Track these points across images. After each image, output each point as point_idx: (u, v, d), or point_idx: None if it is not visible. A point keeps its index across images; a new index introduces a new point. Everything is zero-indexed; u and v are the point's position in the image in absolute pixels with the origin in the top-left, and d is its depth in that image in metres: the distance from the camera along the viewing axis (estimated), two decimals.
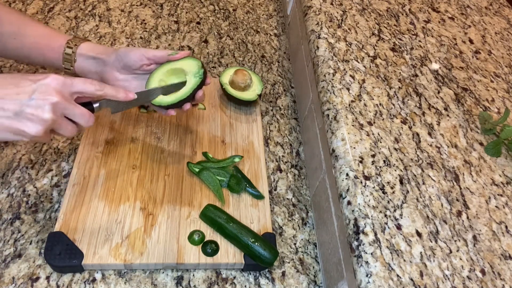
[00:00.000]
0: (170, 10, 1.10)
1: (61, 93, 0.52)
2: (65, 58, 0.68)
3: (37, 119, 0.51)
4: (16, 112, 0.50)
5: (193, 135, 0.80)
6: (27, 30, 0.67)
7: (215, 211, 0.68)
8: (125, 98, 0.60)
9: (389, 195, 0.57)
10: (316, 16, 0.83)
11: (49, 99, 0.51)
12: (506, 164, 0.65)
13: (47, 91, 0.51)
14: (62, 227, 0.64)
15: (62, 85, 0.52)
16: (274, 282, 0.66)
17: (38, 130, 0.51)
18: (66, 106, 0.53)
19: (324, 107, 0.69)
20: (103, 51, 0.68)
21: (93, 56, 0.68)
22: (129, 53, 0.66)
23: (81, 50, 0.68)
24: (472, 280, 0.51)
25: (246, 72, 0.85)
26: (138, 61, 0.66)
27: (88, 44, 0.69)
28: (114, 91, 0.58)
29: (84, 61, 0.68)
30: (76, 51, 0.67)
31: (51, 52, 0.68)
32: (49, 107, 0.51)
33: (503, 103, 0.74)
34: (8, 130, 0.51)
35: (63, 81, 0.53)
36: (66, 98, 0.53)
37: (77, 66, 0.68)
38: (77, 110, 0.54)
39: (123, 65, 0.67)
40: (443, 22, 0.89)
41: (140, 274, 0.64)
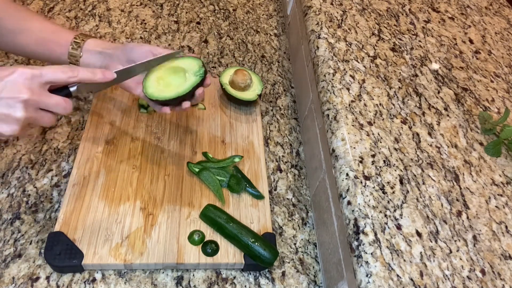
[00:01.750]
0: (170, 10, 1.10)
1: (30, 88, 0.50)
2: (71, 54, 0.68)
3: (10, 119, 0.49)
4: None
5: (193, 135, 0.80)
6: (33, 26, 0.67)
7: (215, 211, 0.68)
8: (103, 79, 0.57)
9: (389, 195, 0.57)
10: (316, 16, 0.83)
11: (19, 96, 0.49)
12: (506, 164, 0.65)
13: (16, 88, 0.49)
14: (62, 227, 0.64)
15: (31, 78, 0.50)
16: (274, 282, 0.66)
17: (14, 130, 0.50)
18: (38, 100, 0.51)
19: (324, 107, 0.69)
20: (109, 46, 0.68)
21: (99, 51, 0.68)
22: (136, 48, 0.67)
23: (87, 46, 0.68)
24: (472, 280, 0.51)
25: (246, 72, 0.85)
26: (144, 57, 0.66)
27: (94, 40, 0.69)
28: (90, 74, 0.56)
29: (90, 56, 0.68)
30: (83, 47, 0.68)
31: (58, 48, 0.68)
32: (20, 105, 0.49)
33: (503, 103, 0.74)
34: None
35: (31, 74, 0.50)
36: (36, 92, 0.50)
37: (82, 62, 0.69)
38: (51, 101, 0.52)
39: (128, 59, 0.67)
40: (443, 22, 0.89)
41: (140, 274, 0.64)
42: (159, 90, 0.66)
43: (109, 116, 0.80)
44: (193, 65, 0.68)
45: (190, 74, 0.67)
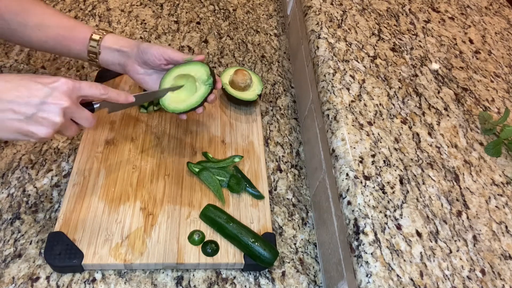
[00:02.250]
0: (170, 10, 1.10)
1: (70, 97, 0.53)
2: (90, 50, 0.69)
3: (48, 122, 0.52)
4: (28, 116, 0.51)
5: (193, 135, 0.80)
6: (51, 22, 0.68)
7: (215, 211, 0.68)
8: (125, 101, 0.62)
9: (389, 195, 0.57)
10: (316, 16, 0.83)
11: (61, 103, 0.52)
12: (506, 164, 0.65)
13: (58, 95, 0.52)
14: (62, 227, 0.64)
15: (72, 89, 0.54)
16: (274, 282, 0.66)
17: (48, 133, 0.53)
18: (74, 110, 0.54)
19: (324, 107, 0.69)
20: (126, 44, 0.69)
21: (117, 49, 0.69)
22: (149, 51, 0.68)
23: (105, 42, 0.69)
24: (472, 280, 0.51)
25: (246, 72, 0.85)
26: (156, 60, 0.68)
27: (112, 36, 0.70)
28: (116, 95, 0.60)
29: (108, 53, 0.70)
30: (101, 44, 0.69)
31: (76, 45, 0.69)
32: (60, 111, 0.52)
33: (503, 103, 0.74)
34: (18, 131, 0.52)
35: (73, 85, 0.54)
36: (74, 102, 0.54)
37: (101, 58, 0.70)
38: (83, 114, 0.56)
39: (142, 60, 0.69)
40: (443, 22, 0.89)
41: (140, 274, 0.64)
42: (173, 100, 0.70)
43: (109, 116, 0.80)
44: (201, 73, 0.69)
45: (199, 82, 0.69)
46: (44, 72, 0.88)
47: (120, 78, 0.87)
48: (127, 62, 0.70)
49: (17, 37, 0.69)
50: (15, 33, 0.68)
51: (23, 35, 0.68)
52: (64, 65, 0.90)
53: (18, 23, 0.67)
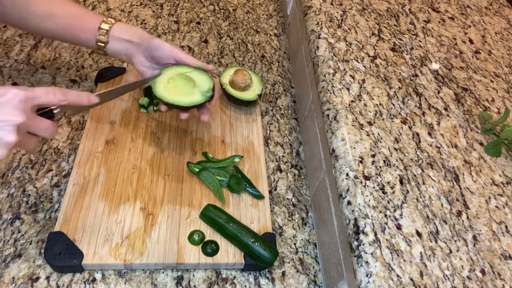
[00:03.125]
0: (170, 10, 1.10)
1: (24, 110, 0.48)
2: (98, 40, 0.69)
3: (1, 143, 0.47)
4: None
5: (193, 135, 0.80)
6: (60, 11, 0.68)
7: (215, 211, 0.68)
8: (88, 103, 0.57)
9: (389, 195, 0.57)
10: (316, 16, 0.83)
11: (13, 120, 0.46)
12: (506, 164, 0.65)
13: (9, 110, 0.46)
14: (62, 227, 0.64)
15: (25, 100, 0.48)
16: (274, 282, 0.66)
17: (2, 154, 0.47)
18: (31, 123, 0.49)
19: (324, 107, 0.69)
20: (136, 35, 0.69)
21: (126, 39, 0.69)
22: (160, 49, 0.68)
23: (114, 32, 0.69)
24: (472, 280, 0.51)
25: (246, 72, 0.85)
26: (166, 59, 0.68)
27: (120, 25, 0.70)
28: (77, 98, 0.55)
29: (117, 43, 0.69)
30: (110, 34, 0.68)
31: (84, 34, 0.69)
32: (13, 128, 0.47)
33: (503, 103, 0.74)
34: None
35: (25, 96, 0.48)
36: (29, 116, 0.48)
37: (109, 48, 0.70)
38: (41, 125, 0.51)
39: (151, 55, 0.69)
40: (443, 22, 0.89)
41: (140, 274, 0.64)
42: (166, 90, 0.69)
43: (109, 116, 0.80)
44: (204, 84, 0.70)
45: (198, 90, 0.69)
46: (44, 72, 0.88)
47: (120, 78, 0.87)
48: (134, 53, 0.70)
49: (28, 26, 0.69)
50: (26, 22, 0.68)
51: (34, 24, 0.68)
52: (64, 65, 0.90)
53: (28, 13, 0.67)
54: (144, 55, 0.70)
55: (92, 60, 0.93)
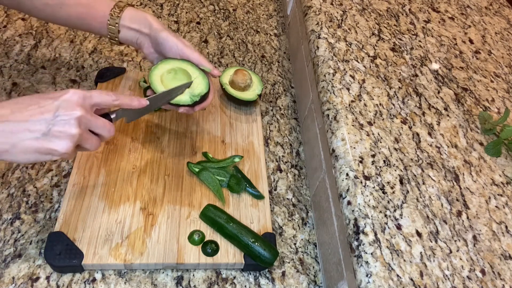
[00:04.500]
0: (170, 10, 1.10)
1: (83, 106, 0.52)
2: (109, 29, 0.70)
3: (65, 135, 0.51)
4: (44, 132, 0.50)
5: (193, 135, 0.80)
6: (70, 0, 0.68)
7: (215, 211, 0.68)
8: (139, 105, 0.60)
9: (389, 195, 0.57)
10: (316, 16, 0.83)
11: (74, 114, 0.51)
12: (506, 164, 0.65)
13: (70, 106, 0.51)
14: (62, 227, 0.64)
15: (83, 98, 0.53)
16: (274, 282, 0.66)
17: (68, 147, 0.51)
18: (89, 119, 0.53)
19: (324, 107, 0.69)
20: (145, 24, 0.69)
21: (135, 29, 0.70)
22: (166, 43, 0.68)
23: (123, 21, 0.69)
24: (472, 280, 0.51)
25: (246, 72, 0.85)
26: (171, 54, 0.69)
27: (130, 12, 0.70)
28: (128, 100, 0.59)
29: (127, 32, 0.70)
30: (120, 22, 0.69)
31: (96, 22, 0.70)
32: (75, 121, 0.51)
33: (503, 103, 0.74)
34: (38, 151, 0.50)
35: (83, 95, 0.53)
36: (88, 112, 0.53)
37: (121, 37, 0.71)
38: (99, 122, 0.55)
39: (157, 50, 0.70)
40: (443, 22, 0.89)
41: (140, 274, 0.64)
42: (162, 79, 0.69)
43: None
44: (197, 88, 0.69)
45: (189, 91, 0.69)
46: (44, 72, 0.88)
47: (120, 78, 0.87)
48: (143, 42, 0.71)
49: (42, 15, 0.70)
50: (39, 12, 0.69)
51: (46, 13, 0.69)
52: (64, 65, 0.90)
53: (41, 3, 0.67)
54: (152, 46, 0.70)
55: (92, 60, 0.93)
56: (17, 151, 0.50)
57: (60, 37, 0.96)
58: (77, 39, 0.96)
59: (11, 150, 0.50)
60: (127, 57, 0.95)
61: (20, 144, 0.49)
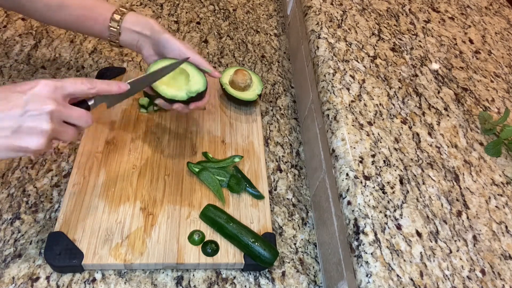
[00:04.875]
0: (170, 10, 1.10)
1: (54, 99, 0.50)
2: (110, 31, 0.69)
3: (36, 131, 0.48)
4: (14, 129, 0.48)
5: (193, 135, 0.80)
6: (72, 2, 0.68)
7: (215, 211, 0.68)
8: (119, 90, 0.58)
9: (389, 195, 0.57)
10: (316, 16, 0.83)
11: (44, 108, 0.48)
12: (506, 164, 0.65)
13: (41, 100, 0.49)
14: (62, 227, 0.64)
15: (54, 90, 0.50)
16: (274, 282, 0.66)
17: (41, 143, 0.49)
18: (62, 111, 0.51)
19: (324, 107, 0.69)
20: (146, 27, 0.69)
21: (137, 31, 0.69)
22: (168, 46, 0.68)
23: (125, 23, 0.69)
24: (472, 280, 0.51)
25: (246, 72, 0.85)
26: (172, 56, 0.69)
27: (132, 16, 0.70)
28: (106, 86, 0.56)
29: (128, 34, 0.70)
30: (121, 25, 0.69)
31: (96, 25, 0.70)
32: (46, 116, 0.48)
33: (503, 103, 0.74)
34: (9, 149, 0.48)
35: (54, 86, 0.50)
36: (60, 103, 0.50)
37: (121, 40, 0.71)
38: (74, 113, 0.52)
39: (159, 52, 0.70)
40: (443, 22, 0.89)
41: (140, 274, 0.64)
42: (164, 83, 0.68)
43: (109, 116, 0.80)
44: (195, 85, 0.68)
45: (186, 87, 0.68)
46: (44, 72, 0.88)
47: (120, 78, 0.87)
48: (143, 45, 0.70)
49: (43, 17, 0.70)
50: (40, 14, 0.69)
51: (48, 15, 0.69)
52: (64, 65, 0.90)
53: (43, 4, 0.68)
54: (153, 48, 0.70)
55: (92, 60, 0.93)
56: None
57: (60, 37, 0.96)
58: (77, 39, 0.96)
59: None
60: (127, 57, 0.95)
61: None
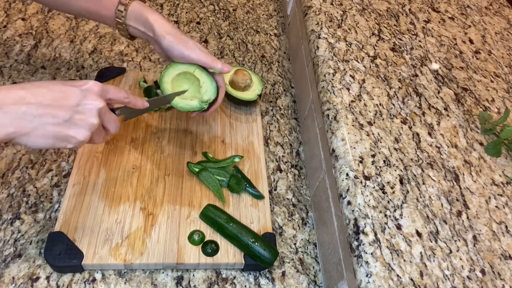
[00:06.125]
0: (170, 10, 1.10)
1: (103, 98, 0.53)
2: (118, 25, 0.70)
3: (85, 124, 0.51)
4: (66, 119, 0.50)
5: (193, 135, 0.80)
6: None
7: (215, 211, 0.68)
8: (142, 106, 0.62)
9: (389, 195, 0.57)
10: (316, 16, 0.83)
11: (96, 104, 0.52)
12: (506, 164, 0.65)
13: (93, 96, 0.52)
14: (62, 227, 0.64)
15: (102, 90, 0.53)
16: (274, 282, 0.66)
17: (86, 135, 0.52)
18: (106, 112, 0.54)
19: (324, 107, 0.69)
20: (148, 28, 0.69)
21: (141, 30, 0.70)
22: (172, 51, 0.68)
23: (129, 21, 0.70)
24: (472, 280, 0.51)
25: (246, 72, 0.85)
26: (177, 60, 0.70)
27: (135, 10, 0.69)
28: (134, 100, 0.60)
29: (134, 31, 0.71)
30: (126, 22, 0.70)
31: (104, 18, 0.71)
32: (96, 112, 0.52)
33: (503, 103, 0.74)
34: (56, 136, 0.50)
35: (102, 87, 0.54)
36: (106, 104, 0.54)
37: (130, 33, 0.72)
38: (112, 117, 0.56)
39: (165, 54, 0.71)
40: (443, 22, 0.89)
41: (140, 274, 0.64)
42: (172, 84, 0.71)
43: None
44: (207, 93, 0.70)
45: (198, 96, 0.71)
46: (44, 72, 0.88)
47: (120, 78, 0.87)
48: (151, 42, 0.72)
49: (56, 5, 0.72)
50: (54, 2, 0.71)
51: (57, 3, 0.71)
52: (64, 65, 0.90)
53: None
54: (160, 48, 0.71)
55: (92, 60, 0.93)
56: (36, 134, 0.49)
57: (60, 37, 0.96)
58: (77, 39, 0.96)
59: (31, 133, 0.49)
60: (127, 57, 0.95)
61: (41, 128, 0.49)
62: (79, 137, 0.51)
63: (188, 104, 0.70)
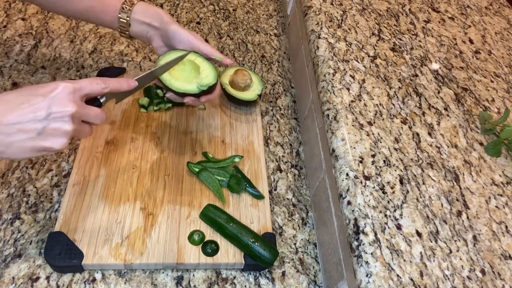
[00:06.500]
0: (170, 10, 1.10)
1: (74, 101, 0.52)
2: (120, 23, 0.70)
3: (60, 132, 0.51)
4: (39, 131, 0.50)
5: (193, 135, 0.80)
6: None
7: (215, 211, 0.68)
8: (128, 87, 0.60)
9: (389, 195, 0.57)
10: (316, 16, 0.83)
11: (67, 110, 0.51)
12: (506, 164, 0.65)
13: (62, 102, 0.51)
14: (62, 227, 0.64)
15: (73, 92, 0.52)
16: (274, 282, 0.66)
17: (64, 143, 0.51)
18: (82, 112, 0.53)
19: (324, 107, 0.69)
20: (156, 18, 0.69)
21: (146, 22, 0.70)
22: (177, 37, 0.68)
23: (135, 14, 0.69)
24: (472, 280, 0.51)
25: (246, 72, 0.85)
26: (181, 47, 0.69)
27: (142, 6, 0.70)
28: (117, 84, 0.59)
29: (138, 26, 0.70)
30: (131, 16, 0.69)
31: (107, 16, 0.70)
32: (69, 118, 0.51)
33: (503, 103, 0.74)
34: (35, 149, 0.51)
35: (73, 88, 0.52)
36: (79, 105, 0.53)
37: (131, 31, 0.71)
38: (91, 112, 0.55)
39: (167, 44, 0.70)
40: (443, 22, 0.89)
41: (140, 274, 0.64)
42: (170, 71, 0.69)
43: (109, 116, 0.80)
44: (205, 78, 0.68)
45: (197, 80, 0.68)
46: (44, 72, 0.88)
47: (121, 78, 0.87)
48: (153, 37, 0.71)
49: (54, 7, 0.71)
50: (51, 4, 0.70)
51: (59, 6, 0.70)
52: (64, 65, 0.90)
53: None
54: (162, 40, 0.70)
55: (92, 60, 0.93)
56: (12, 151, 0.50)
57: (60, 37, 0.96)
58: (77, 39, 0.96)
59: (6, 151, 0.50)
60: (127, 57, 0.95)
61: (14, 145, 0.49)
62: (56, 147, 0.51)
63: (186, 86, 0.68)
